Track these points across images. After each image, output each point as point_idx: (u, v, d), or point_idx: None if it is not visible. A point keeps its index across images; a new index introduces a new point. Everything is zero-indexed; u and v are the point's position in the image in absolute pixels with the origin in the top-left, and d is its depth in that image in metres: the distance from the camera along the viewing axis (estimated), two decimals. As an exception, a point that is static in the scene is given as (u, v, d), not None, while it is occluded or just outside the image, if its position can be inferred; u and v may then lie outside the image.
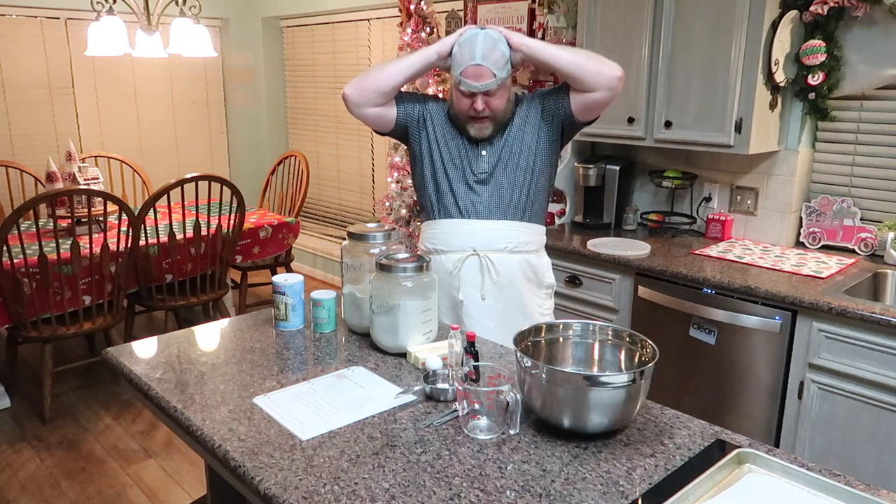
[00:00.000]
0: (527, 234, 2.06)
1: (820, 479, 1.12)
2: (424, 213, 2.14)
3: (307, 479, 1.15)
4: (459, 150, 2.04)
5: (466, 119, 1.97)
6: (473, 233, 2.02)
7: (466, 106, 1.94)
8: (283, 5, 5.34)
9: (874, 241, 2.61)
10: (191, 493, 2.71)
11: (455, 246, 2.03)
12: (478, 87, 1.88)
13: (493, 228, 2.02)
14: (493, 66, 1.87)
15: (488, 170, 2.02)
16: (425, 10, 3.77)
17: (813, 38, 2.57)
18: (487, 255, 2.02)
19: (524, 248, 2.06)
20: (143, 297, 3.56)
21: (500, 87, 1.91)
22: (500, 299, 2.04)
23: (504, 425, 1.28)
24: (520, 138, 2.03)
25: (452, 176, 2.03)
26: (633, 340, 1.41)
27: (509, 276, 2.04)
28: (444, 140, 2.05)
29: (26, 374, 3.73)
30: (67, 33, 4.76)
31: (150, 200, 3.29)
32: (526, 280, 2.08)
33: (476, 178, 2.02)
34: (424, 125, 2.06)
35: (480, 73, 1.88)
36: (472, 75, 1.88)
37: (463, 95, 1.93)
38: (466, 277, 2.03)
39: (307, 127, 5.65)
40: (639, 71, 2.85)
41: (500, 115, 1.97)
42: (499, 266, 2.02)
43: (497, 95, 1.92)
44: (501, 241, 2.03)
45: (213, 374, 1.56)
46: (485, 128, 1.97)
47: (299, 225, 4.30)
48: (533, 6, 3.30)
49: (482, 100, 1.91)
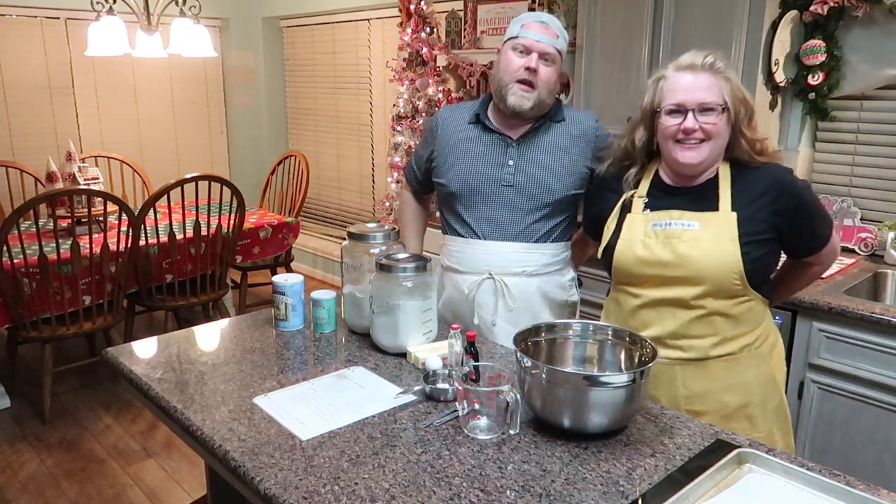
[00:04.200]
0: (548, 256, 1.92)
1: (820, 479, 1.12)
2: (443, 227, 2.04)
3: (307, 479, 1.15)
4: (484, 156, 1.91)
5: (511, 83, 1.84)
6: (489, 255, 1.90)
7: (517, 66, 1.82)
8: (283, 5, 5.34)
9: (874, 240, 2.61)
10: (191, 493, 2.71)
11: (470, 267, 1.93)
12: (542, 38, 1.81)
13: (511, 250, 1.90)
14: (556, 29, 1.85)
15: (512, 181, 1.89)
16: (425, 10, 3.77)
17: (813, 38, 2.57)
18: (503, 278, 1.89)
19: (544, 270, 1.93)
20: (143, 297, 3.55)
21: (555, 58, 1.84)
22: (512, 322, 1.88)
23: (504, 425, 1.28)
24: (554, 144, 1.91)
25: (476, 187, 1.91)
26: (633, 340, 1.41)
27: (526, 300, 1.91)
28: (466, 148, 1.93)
29: (26, 374, 3.73)
30: (67, 33, 4.76)
31: (150, 200, 3.29)
32: (546, 301, 1.95)
33: (501, 188, 1.89)
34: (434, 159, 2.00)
35: (544, 29, 1.83)
36: (537, 28, 1.82)
37: (516, 54, 1.83)
38: (481, 301, 1.92)
39: (307, 127, 5.65)
40: (639, 71, 2.85)
41: (545, 95, 1.85)
42: (515, 291, 1.89)
43: (549, 67, 1.84)
44: (519, 265, 1.90)
45: (213, 374, 1.56)
46: (527, 98, 1.83)
47: (299, 225, 4.30)
48: (533, 6, 3.30)
49: (536, 60, 1.82)
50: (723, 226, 1.52)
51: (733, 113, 1.52)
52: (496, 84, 1.88)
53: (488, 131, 1.92)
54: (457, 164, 1.93)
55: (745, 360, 1.59)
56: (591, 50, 3.01)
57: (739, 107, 1.53)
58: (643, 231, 1.58)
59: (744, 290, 1.53)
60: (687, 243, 1.52)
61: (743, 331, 1.58)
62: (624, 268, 1.60)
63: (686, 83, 1.53)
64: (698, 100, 1.50)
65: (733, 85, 1.53)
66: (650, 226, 1.58)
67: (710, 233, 1.52)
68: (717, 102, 1.51)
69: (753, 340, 1.60)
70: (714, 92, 1.51)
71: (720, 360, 1.58)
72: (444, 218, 2.02)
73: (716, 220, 1.53)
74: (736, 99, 1.52)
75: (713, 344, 1.57)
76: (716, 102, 1.51)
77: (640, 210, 1.61)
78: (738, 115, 1.53)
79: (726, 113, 1.52)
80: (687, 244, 1.52)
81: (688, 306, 1.55)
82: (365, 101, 5.04)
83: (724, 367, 1.58)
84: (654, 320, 1.59)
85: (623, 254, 1.60)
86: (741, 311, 1.56)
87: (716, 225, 1.52)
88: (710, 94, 1.51)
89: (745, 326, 1.58)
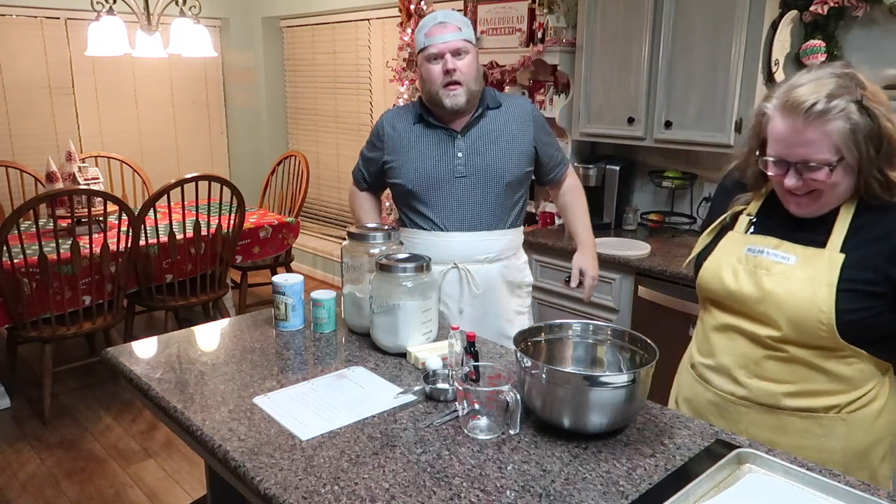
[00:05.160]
0: (505, 242, 2.06)
1: (820, 479, 1.12)
2: (402, 221, 2.13)
3: (307, 479, 1.15)
4: (434, 151, 2.01)
5: (439, 90, 1.95)
6: (452, 245, 2.01)
7: (437, 73, 1.94)
8: (283, 5, 5.34)
9: None
10: (191, 493, 2.71)
11: (435, 258, 1.94)
12: (446, 38, 1.91)
13: (474, 239, 2.01)
14: (456, 22, 1.93)
15: (464, 172, 1.99)
16: (425, 10, 3.77)
17: (813, 38, 2.57)
18: (468, 266, 2.02)
19: (504, 255, 2.06)
20: (143, 297, 3.55)
21: (467, 48, 1.93)
22: (477, 307, 2.04)
23: (504, 425, 1.28)
24: (498, 129, 2.02)
25: (431, 182, 2.00)
26: (633, 340, 1.41)
27: (488, 284, 2.04)
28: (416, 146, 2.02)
29: (26, 374, 3.73)
30: (67, 33, 4.76)
31: (150, 200, 3.29)
32: (506, 284, 2.08)
33: (455, 180, 1.99)
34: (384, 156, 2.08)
35: (444, 28, 1.92)
36: (438, 31, 1.92)
37: (431, 63, 1.94)
38: (447, 289, 2.03)
39: (307, 127, 5.65)
40: (639, 71, 2.85)
41: (473, 84, 1.96)
42: (478, 278, 2.02)
43: (465, 59, 1.93)
44: (482, 252, 2.02)
45: (213, 374, 1.56)
46: (458, 95, 1.94)
47: (299, 225, 4.30)
48: (533, 6, 3.30)
49: (451, 60, 1.92)
50: (824, 266, 1.28)
51: (857, 156, 1.23)
52: (427, 95, 2.00)
53: (433, 128, 2.03)
54: (409, 162, 2.03)
55: (829, 423, 1.34)
56: (591, 50, 3.02)
57: (867, 146, 1.22)
58: (736, 255, 1.39)
59: (835, 344, 1.28)
60: (774, 278, 1.32)
61: (834, 388, 1.32)
62: (707, 287, 1.45)
63: (787, 134, 1.25)
64: (800, 156, 1.25)
65: (857, 125, 1.21)
66: (745, 250, 1.39)
67: (805, 272, 1.29)
68: (825, 159, 1.23)
69: (848, 403, 1.33)
70: (823, 146, 1.23)
71: (795, 414, 1.35)
72: (403, 213, 2.12)
73: (817, 259, 1.29)
74: (861, 140, 1.22)
75: (787, 393, 1.35)
76: (823, 159, 1.23)
77: (742, 229, 1.42)
78: (863, 156, 1.23)
79: (842, 163, 1.24)
80: (774, 279, 1.32)
81: (764, 344, 1.35)
82: (365, 101, 5.03)
83: (800, 425, 1.36)
84: (726, 348, 1.42)
85: (709, 272, 1.44)
86: (836, 368, 1.31)
87: (816, 264, 1.29)
88: (816, 149, 1.23)
89: (839, 384, 1.32)
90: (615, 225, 3.20)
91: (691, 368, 1.54)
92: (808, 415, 1.34)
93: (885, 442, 1.38)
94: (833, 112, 1.21)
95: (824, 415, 1.34)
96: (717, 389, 1.45)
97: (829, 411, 1.34)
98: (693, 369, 1.53)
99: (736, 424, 1.41)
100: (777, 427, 1.37)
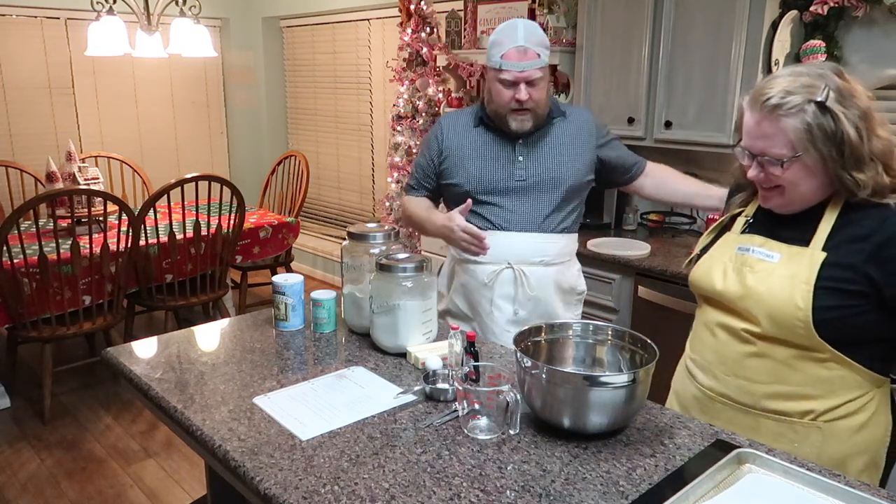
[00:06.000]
0: (560, 247, 2.02)
1: (820, 479, 1.12)
2: None
3: (307, 479, 1.15)
4: (495, 156, 1.98)
5: (507, 113, 1.91)
6: (509, 245, 1.97)
7: (508, 98, 1.88)
8: (283, 5, 5.34)
9: None
10: (191, 493, 2.71)
11: (489, 257, 1.95)
12: (523, 67, 1.83)
13: (530, 241, 1.97)
14: (536, 48, 1.84)
15: (525, 176, 1.97)
16: (425, 10, 3.77)
17: (813, 38, 2.57)
18: (522, 268, 1.97)
19: (559, 259, 2.02)
20: (143, 297, 3.55)
21: (542, 74, 1.87)
22: (530, 309, 2.00)
23: (504, 425, 1.28)
24: (559, 137, 1.98)
25: (489, 185, 1.97)
26: (633, 340, 1.41)
27: (543, 288, 2.00)
28: (475, 150, 1.99)
29: (26, 374, 3.73)
30: (67, 33, 4.76)
31: (150, 200, 3.29)
32: (559, 290, 2.04)
33: (514, 184, 1.96)
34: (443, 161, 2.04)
35: (525, 55, 1.83)
36: (516, 56, 1.84)
37: (504, 86, 1.87)
38: (500, 290, 1.99)
39: (307, 127, 5.65)
40: (639, 71, 2.85)
41: (541, 109, 1.93)
42: (532, 280, 1.98)
43: (539, 85, 1.87)
44: (537, 255, 1.98)
45: (213, 374, 1.56)
46: (526, 120, 1.91)
47: (299, 225, 4.30)
48: (533, 6, 3.30)
49: (525, 90, 1.85)
50: (805, 264, 1.28)
51: (818, 156, 1.23)
52: (492, 110, 1.96)
53: (494, 131, 1.99)
54: (469, 164, 2.00)
55: (803, 430, 1.33)
56: (591, 50, 3.02)
57: (828, 148, 1.22)
58: (728, 254, 1.41)
59: (813, 343, 1.28)
60: (757, 275, 1.33)
61: (810, 392, 1.31)
62: (697, 285, 1.47)
63: (749, 126, 1.30)
64: (760, 149, 1.28)
65: (812, 125, 1.21)
66: (736, 249, 1.41)
67: (787, 269, 1.30)
68: (780, 154, 1.25)
69: (824, 410, 1.31)
70: (778, 141, 1.25)
71: (771, 417, 1.35)
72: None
73: (800, 258, 1.30)
74: (819, 141, 1.22)
75: (767, 394, 1.34)
76: (777, 154, 1.25)
77: (738, 230, 1.44)
78: (826, 157, 1.23)
79: (798, 161, 1.25)
80: (757, 276, 1.33)
81: (744, 340, 1.36)
82: (365, 101, 5.04)
83: (774, 428, 1.35)
84: (709, 344, 1.44)
85: (700, 270, 1.46)
86: (814, 370, 1.30)
87: (798, 262, 1.29)
88: (772, 143, 1.26)
89: (816, 389, 1.31)
90: (615, 225, 3.20)
91: (684, 362, 1.57)
92: (782, 418, 1.34)
93: (864, 456, 1.35)
94: (785, 108, 1.23)
95: (798, 420, 1.33)
96: (700, 384, 1.48)
97: (805, 417, 1.33)
98: (685, 363, 1.56)
99: (714, 421, 1.42)
100: (752, 428, 1.37)
